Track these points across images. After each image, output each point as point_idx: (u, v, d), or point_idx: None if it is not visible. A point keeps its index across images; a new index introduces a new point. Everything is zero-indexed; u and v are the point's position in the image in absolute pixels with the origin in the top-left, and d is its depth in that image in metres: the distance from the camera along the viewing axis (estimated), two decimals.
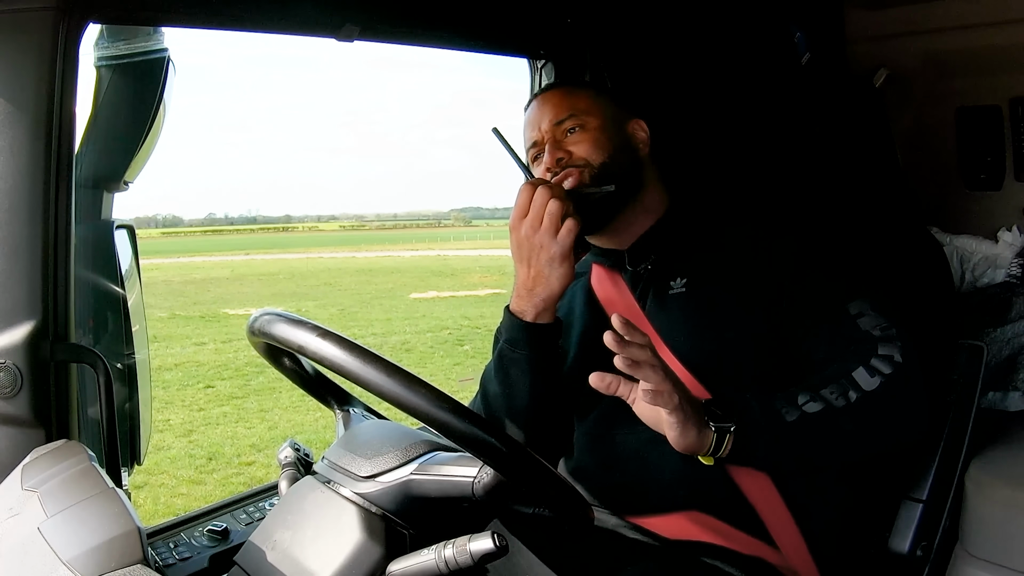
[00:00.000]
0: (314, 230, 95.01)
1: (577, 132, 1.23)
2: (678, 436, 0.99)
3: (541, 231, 1.12)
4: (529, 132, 1.27)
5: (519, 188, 1.16)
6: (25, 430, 1.03)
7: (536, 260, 1.14)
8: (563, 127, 1.24)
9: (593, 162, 1.22)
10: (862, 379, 1.07)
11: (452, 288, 16.13)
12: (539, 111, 1.26)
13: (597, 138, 1.23)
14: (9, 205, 1.02)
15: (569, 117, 1.24)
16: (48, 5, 1.00)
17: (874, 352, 1.09)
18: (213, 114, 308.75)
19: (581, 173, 1.21)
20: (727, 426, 1.02)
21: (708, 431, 1.01)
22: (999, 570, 1.38)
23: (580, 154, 1.22)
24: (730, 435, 1.02)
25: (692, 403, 1.00)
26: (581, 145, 1.23)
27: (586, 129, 1.23)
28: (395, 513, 0.89)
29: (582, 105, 1.25)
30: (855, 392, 1.07)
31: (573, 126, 1.24)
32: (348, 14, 1.35)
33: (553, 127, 1.24)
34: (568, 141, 1.24)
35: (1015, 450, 1.54)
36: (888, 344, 1.10)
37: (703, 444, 1.01)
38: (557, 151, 1.22)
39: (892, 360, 1.08)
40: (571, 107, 1.25)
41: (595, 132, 1.23)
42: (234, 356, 8.59)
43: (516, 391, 1.18)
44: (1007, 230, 1.86)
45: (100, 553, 0.75)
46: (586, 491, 1.23)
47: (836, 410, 1.06)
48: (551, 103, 1.26)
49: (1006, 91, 1.81)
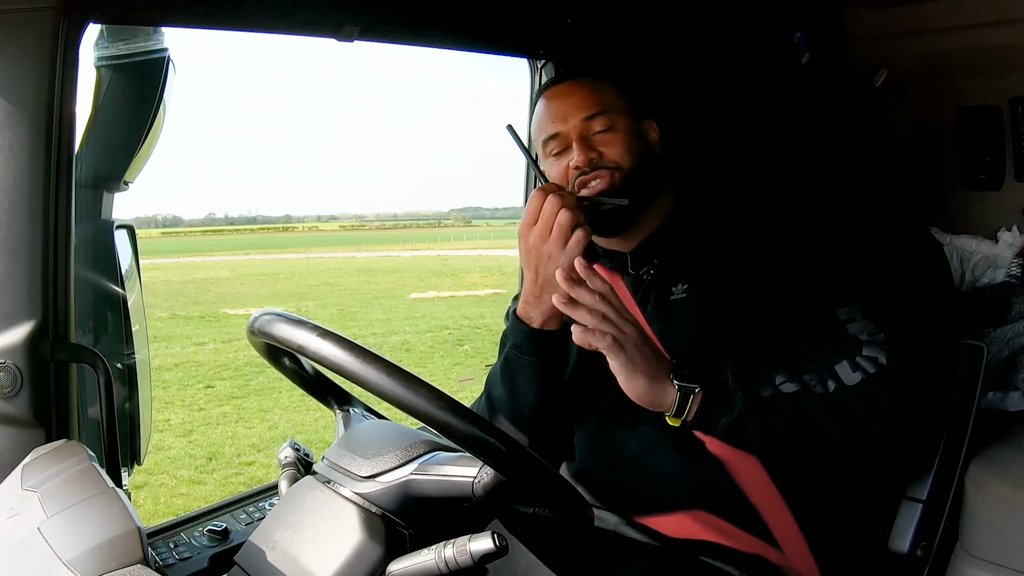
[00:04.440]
0: (314, 230, 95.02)
1: (609, 132, 1.20)
2: (626, 383, 1.01)
3: (550, 241, 1.11)
4: (550, 123, 1.22)
5: (530, 195, 1.14)
6: (25, 430, 1.03)
7: (544, 269, 1.12)
8: (592, 124, 1.20)
9: (624, 166, 1.19)
10: (843, 372, 1.08)
11: (452, 288, 16.13)
12: (565, 102, 1.21)
13: (628, 141, 1.20)
14: (9, 205, 1.02)
15: (600, 113, 1.20)
16: (48, 5, 1.00)
17: (859, 352, 1.09)
18: (213, 114, 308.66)
19: (612, 176, 1.18)
20: (691, 387, 1.02)
21: (670, 387, 1.02)
22: (999, 570, 1.38)
23: (612, 156, 1.19)
24: (694, 396, 1.03)
25: (650, 354, 1.01)
26: (613, 147, 1.19)
27: (616, 129, 1.20)
28: (395, 513, 0.89)
29: (611, 101, 1.21)
30: (834, 383, 1.07)
31: (604, 125, 1.20)
32: (348, 14, 1.34)
33: (583, 122, 1.19)
34: (599, 140, 1.19)
35: (1015, 450, 1.54)
36: (874, 347, 1.10)
37: (663, 401, 1.03)
38: (589, 150, 1.18)
39: (877, 361, 1.08)
40: (601, 102, 1.20)
41: (625, 134, 1.20)
42: (234, 356, 8.59)
43: (522, 396, 1.18)
44: (1007, 230, 1.86)
45: (100, 553, 0.75)
46: (588, 493, 1.22)
47: (813, 395, 1.06)
48: (579, 95, 1.21)
49: (1006, 91, 1.81)
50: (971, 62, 1.80)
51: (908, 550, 1.42)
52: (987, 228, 1.88)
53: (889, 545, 1.44)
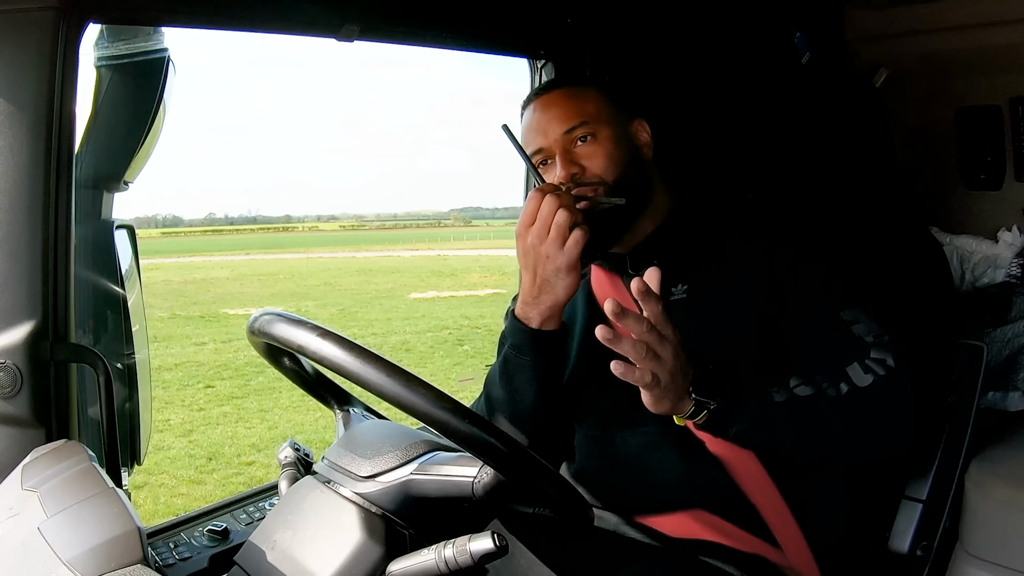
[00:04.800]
0: (314, 230, 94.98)
1: (589, 143, 1.19)
2: (652, 405, 1.00)
3: (548, 241, 1.10)
4: (534, 137, 1.21)
5: (528, 195, 1.14)
6: (25, 430, 1.03)
7: (542, 269, 1.12)
8: (573, 136, 1.19)
9: (607, 179, 1.18)
10: (855, 375, 1.08)
11: (452, 288, 16.12)
12: (545, 115, 1.21)
13: (610, 151, 1.19)
14: (9, 205, 1.02)
15: (580, 125, 1.19)
16: (48, 5, 1.00)
17: (867, 355, 1.10)
18: (213, 114, 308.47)
19: (595, 191, 1.17)
20: (707, 403, 1.02)
21: (687, 400, 1.02)
22: (999, 570, 1.38)
23: (594, 170, 1.18)
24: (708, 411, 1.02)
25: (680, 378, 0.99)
26: (594, 160, 1.18)
27: (597, 140, 1.19)
28: (395, 513, 0.89)
29: (591, 110, 1.20)
30: (846, 385, 1.08)
31: (584, 134, 1.19)
32: (348, 14, 1.34)
33: (563, 136, 1.19)
34: (580, 153, 1.19)
35: (1015, 450, 1.54)
36: (881, 349, 1.10)
37: (678, 411, 1.02)
38: (571, 165, 1.18)
39: (885, 364, 1.09)
40: (580, 112, 1.19)
41: (607, 144, 1.19)
42: (234, 356, 8.58)
43: (521, 396, 1.18)
44: (1007, 230, 1.86)
45: (100, 553, 0.75)
46: (588, 493, 1.22)
47: (826, 398, 1.07)
48: (559, 107, 1.21)
49: (1006, 91, 1.81)
50: (971, 62, 1.80)
51: (908, 550, 1.42)
52: (987, 228, 1.88)
53: (889, 545, 1.44)
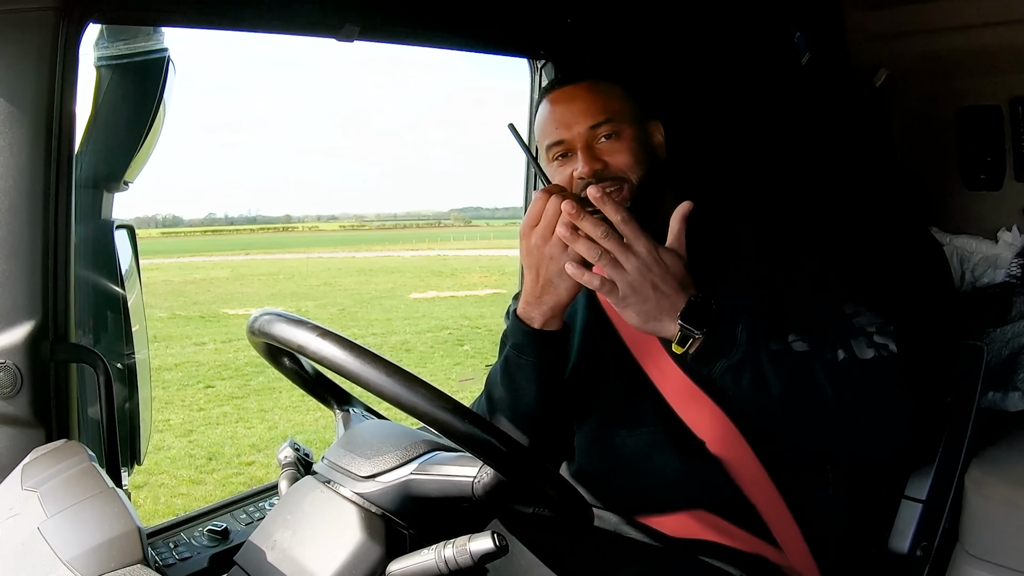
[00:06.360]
0: (314, 230, 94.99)
1: (613, 140, 1.17)
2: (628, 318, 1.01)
3: (552, 242, 1.08)
4: (554, 129, 1.19)
5: (534, 196, 1.12)
6: (25, 430, 1.03)
7: (545, 270, 1.10)
8: (598, 132, 1.17)
9: (632, 178, 1.17)
10: (858, 346, 1.06)
11: (452, 288, 16.13)
12: (570, 109, 1.19)
13: (634, 150, 1.17)
14: (9, 205, 1.02)
15: (606, 122, 1.17)
16: (48, 5, 1.00)
17: (871, 338, 1.08)
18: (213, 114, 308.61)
19: (620, 188, 1.16)
20: (692, 331, 1.01)
21: (672, 325, 1.01)
22: (999, 570, 1.38)
23: (618, 166, 1.17)
24: (695, 340, 1.01)
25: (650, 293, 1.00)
26: (618, 156, 1.17)
27: (621, 138, 1.17)
28: (395, 513, 0.89)
29: (616, 107, 1.19)
30: (845, 352, 1.05)
31: (609, 132, 1.17)
32: (348, 14, 1.34)
33: (588, 131, 1.17)
34: (602, 149, 1.17)
35: (1015, 450, 1.54)
36: (885, 336, 1.08)
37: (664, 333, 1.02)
38: (594, 160, 1.16)
39: (888, 348, 1.07)
40: (606, 109, 1.18)
41: (631, 142, 1.18)
42: (234, 356, 8.59)
43: (522, 396, 1.17)
44: (1007, 230, 1.86)
45: (100, 553, 0.75)
46: (589, 494, 1.22)
47: (822, 359, 1.04)
48: (584, 101, 1.19)
49: (1006, 91, 1.82)
50: (971, 62, 1.80)
51: (908, 550, 1.42)
52: (987, 228, 1.88)
53: (889, 545, 1.44)
